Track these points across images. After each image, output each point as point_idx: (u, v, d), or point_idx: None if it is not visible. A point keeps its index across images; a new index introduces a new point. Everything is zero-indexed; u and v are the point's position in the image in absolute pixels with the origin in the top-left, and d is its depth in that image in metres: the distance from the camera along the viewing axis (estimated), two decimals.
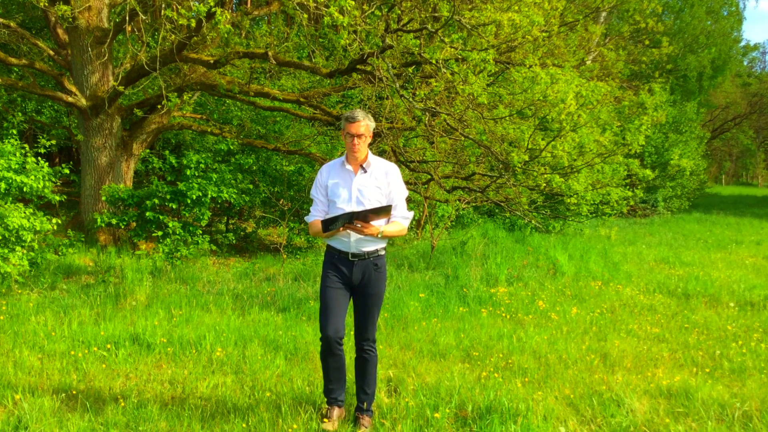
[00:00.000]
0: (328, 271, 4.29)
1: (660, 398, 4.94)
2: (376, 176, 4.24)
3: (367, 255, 4.22)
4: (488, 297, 8.14)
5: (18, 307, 7.00)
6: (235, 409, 4.53)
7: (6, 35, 11.37)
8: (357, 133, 4.14)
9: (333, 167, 4.34)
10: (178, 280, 8.74)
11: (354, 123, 4.14)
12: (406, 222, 4.31)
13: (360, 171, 4.25)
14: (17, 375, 5.11)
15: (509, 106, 10.06)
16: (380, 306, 4.36)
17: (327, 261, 4.31)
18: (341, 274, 4.24)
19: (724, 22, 31.97)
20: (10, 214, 7.55)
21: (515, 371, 5.47)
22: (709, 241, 15.13)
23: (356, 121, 4.14)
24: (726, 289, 9.01)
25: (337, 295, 4.23)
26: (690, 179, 23.93)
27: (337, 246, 4.25)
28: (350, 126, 4.15)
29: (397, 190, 4.29)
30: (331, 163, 4.40)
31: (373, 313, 4.30)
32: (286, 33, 13.43)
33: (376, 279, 4.25)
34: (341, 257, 4.23)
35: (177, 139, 14.47)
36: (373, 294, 4.25)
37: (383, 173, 4.27)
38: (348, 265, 4.21)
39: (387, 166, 4.33)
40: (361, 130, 4.15)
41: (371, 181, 4.22)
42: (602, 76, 13.72)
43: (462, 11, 8.69)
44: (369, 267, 4.22)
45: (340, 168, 4.29)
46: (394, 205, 4.23)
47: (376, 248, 4.24)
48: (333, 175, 4.28)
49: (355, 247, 4.18)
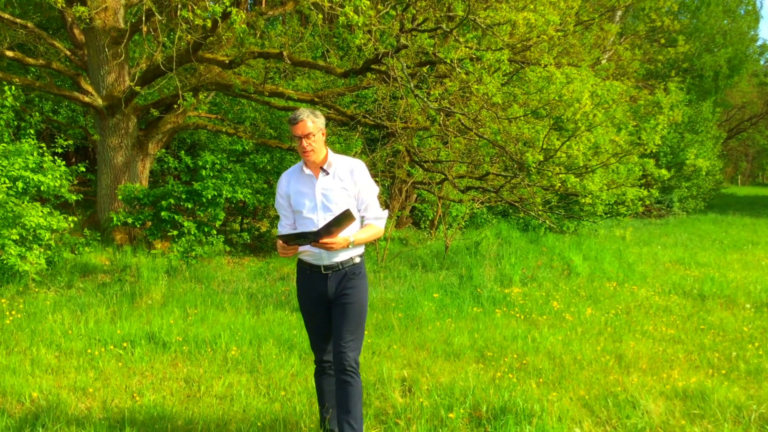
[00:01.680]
0: (302, 291, 3.92)
1: (676, 400, 4.91)
2: (341, 177, 3.78)
3: (341, 265, 3.78)
4: (502, 297, 8.12)
5: (35, 305, 7.06)
6: (250, 408, 4.55)
7: (23, 35, 11.46)
8: (303, 134, 3.68)
9: (292, 175, 3.90)
10: (193, 279, 8.78)
11: (297, 124, 3.68)
12: (381, 223, 3.88)
13: (321, 174, 3.79)
14: (35, 373, 5.16)
15: (524, 105, 10.03)
16: (363, 319, 3.83)
17: (299, 278, 3.93)
18: (316, 292, 3.82)
19: (741, 21, 31.69)
20: (28, 213, 7.63)
21: (530, 372, 5.46)
22: (724, 241, 15.01)
23: (299, 121, 3.68)
24: (742, 290, 8.94)
25: (316, 319, 3.89)
26: (706, 179, 23.73)
27: (307, 259, 3.83)
28: (295, 128, 3.70)
29: (366, 189, 3.83)
30: (290, 171, 3.95)
31: (354, 329, 3.77)
32: (300, 33, 13.46)
33: (353, 287, 3.78)
34: (313, 272, 3.82)
35: (192, 139, 14.55)
36: (349, 303, 3.77)
37: (348, 172, 3.80)
38: (321, 279, 3.79)
39: (351, 163, 3.85)
40: (307, 130, 3.68)
41: (335, 183, 3.77)
42: (618, 75, 13.63)
43: (477, 11, 8.67)
44: (345, 277, 3.79)
45: (300, 174, 3.85)
46: (364, 206, 3.84)
47: (351, 256, 3.80)
48: (293, 183, 3.85)
49: (327, 258, 3.75)
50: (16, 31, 11.13)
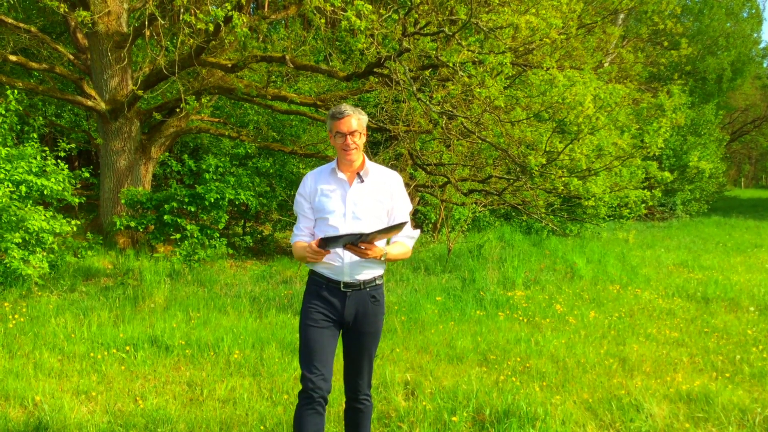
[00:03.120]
0: (312, 305, 3.42)
1: (680, 403, 4.90)
2: (376, 187, 3.44)
3: (363, 284, 3.40)
4: (505, 300, 8.11)
5: (38, 309, 7.07)
6: (252, 412, 4.55)
7: (27, 40, 11.50)
8: (350, 131, 3.33)
9: (321, 175, 3.50)
10: (196, 283, 8.79)
11: (343, 118, 3.33)
12: (412, 242, 3.56)
13: (356, 180, 3.43)
14: (37, 376, 5.16)
15: (526, 108, 10.03)
16: (376, 348, 3.56)
17: (311, 292, 3.45)
18: (330, 309, 3.39)
19: (743, 23, 31.67)
20: (31, 217, 7.64)
21: (533, 375, 5.45)
22: (728, 244, 14.98)
23: (345, 116, 3.34)
24: (746, 293, 8.92)
25: (322, 337, 3.38)
26: (709, 182, 23.70)
27: (325, 273, 3.40)
28: (339, 123, 3.34)
29: (401, 204, 3.51)
30: (318, 171, 3.55)
31: (371, 358, 3.53)
32: (303, 37, 13.48)
33: (374, 314, 3.45)
34: (331, 287, 3.39)
35: (195, 142, 14.58)
36: (369, 332, 3.46)
37: (384, 183, 3.47)
38: (339, 296, 3.38)
39: (388, 174, 3.52)
40: (353, 126, 3.34)
41: (369, 193, 3.42)
42: (620, 78, 13.65)
43: (479, 14, 8.67)
44: (365, 300, 3.41)
45: (330, 176, 3.46)
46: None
47: (374, 276, 3.44)
48: (321, 185, 3.46)
49: (349, 273, 3.37)
50: (20, 36, 11.17)
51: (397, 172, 3.59)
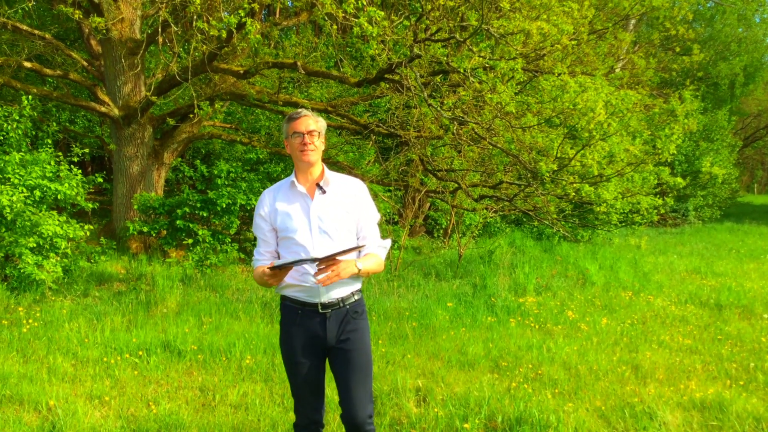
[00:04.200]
0: (289, 337, 3.19)
1: (693, 411, 4.87)
2: (340, 197, 3.18)
3: (342, 302, 3.16)
4: (516, 307, 8.09)
5: (52, 313, 7.12)
6: (264, 417, 4.56)
7: (41, 47, 11.59)
8: (308, 130, 3.09)
9: (279, 191, 3.22)
10: (208, 288, 8.82)
11: (300, 118, 3.11)
12: (384, 253, 3.28)
13: (317, 192, 3.16)
14: (51, 381, 5.19)
15: (538, 114, 10.02)
16: (371, 366, 3.26)
17: (287, 321, 3.20)
18: (310, 336, 3.15)
19: (756, 28, 31.49)
20: (45, 222, 7.70)
21: (545, 382, 5.43)
22: (741, 251, 14.87)
23: (302, 116, 3.12)
24: (760, 300, 8.85)
25: (307, 371, 3.19)
26: (721, 188, 23.54)
27: (299, 296, 3.15)
28: (296, 123, 3.10)
29: (369, 214, 3.25)
30: (276, 187, 3.27)
31: (366, 377, 3.22)
32: (314, 43, 13.54)
33: (358, 328, 3.20)
34: (307, 311, 3.15)
35: (207, 148, 14.65)
36: (356, 350, 3.18)
37: (349, 193, 3.21)
38: (320, 319, 3.14)
39: (352, 182, 3.27)
40: (311, 126, 3.10)
41: (334, 204, 3.15)
42: (632, 84, 13.60)
43: (490, 20, 8.68)
44: (347, 317, 3.17)
45: (289, 191, 3.19)
46: (367, 232, 3.24)
47: (351, 291, 3.20)
48: (280, 202, 3.18)
49: (325, 292, 3.11)
50: (34, 42, 11.26)
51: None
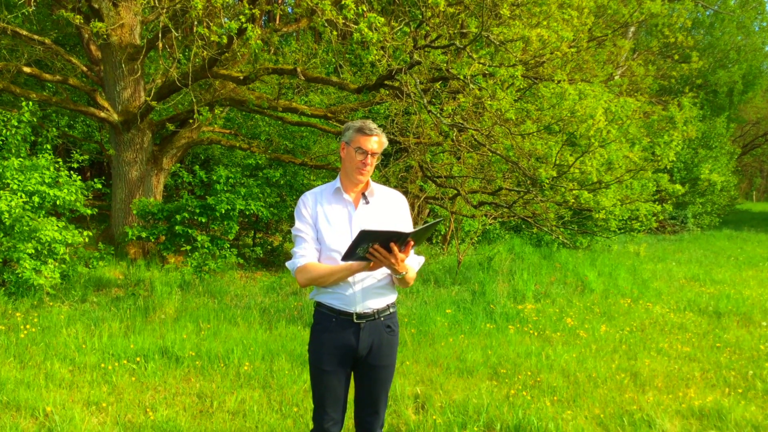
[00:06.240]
0: (320, 344, 3.14)
1: (692, 419, 4.86)
2: (382, 209, 3.16)
3: (377, 314, 3.11)
4: (515, 313, 8.08)
5: (49, 319, 7.10)
6: (262, 424, 4.54)
7: (41, 52, 11.60)
8: (373, 151, 3.05)
9: (322, 195, 3.17)
10: (206, 294, 8.81)
11: (372, 135, 3.05)
12: (418, 268, 3.23)
13: (361, 201, 3.14)
14: (48, 387, 5.17)
15: (537, 121, 10.03)
16: (391, 382, 3.26)
17: (320, 329, 3.14)
18: (343, 346, 3.09)
19: (755, 36, 31.57)
20: (43, 227, 7.69)
21: (544, 389, 5.42)
22: (740, 258, 14.88)
23: (375, 134, 3.06)
24: (758, 307, 8.85)
25: (337, 383, 3.14)
26: (720, 195, 23.57)
27: (334, 304, 3.09)
28: (366, 140, 3.05)
29: (407, 227, 3.20)
30: (319, 190, 3.21)
31: (386, 393, 3.24)
32: (314, 49, 13.56)
33: (389, 345, 3.16)
34: (342, 319, 3.08)
35: (206, 153, 14.65)
36: (384, 365, 3.17)
37: (391, 206, 3.19)
38: (353, 329, 3.08)
39: (393, 194, 3.24)
40: (377, 148, 3.07)
41: (376, 215, 3.13)
42: (631, 91, 13.62)
43: (490, 27, 8.70)
44: (380, 330, 3.12)
45: (333, 197, 3.15)
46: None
47: (387, 303, 3.16)
48: (324, 206, 3.13)
49: (362, 302, 3.07)
50: (34, 48, 11.27)
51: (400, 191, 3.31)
